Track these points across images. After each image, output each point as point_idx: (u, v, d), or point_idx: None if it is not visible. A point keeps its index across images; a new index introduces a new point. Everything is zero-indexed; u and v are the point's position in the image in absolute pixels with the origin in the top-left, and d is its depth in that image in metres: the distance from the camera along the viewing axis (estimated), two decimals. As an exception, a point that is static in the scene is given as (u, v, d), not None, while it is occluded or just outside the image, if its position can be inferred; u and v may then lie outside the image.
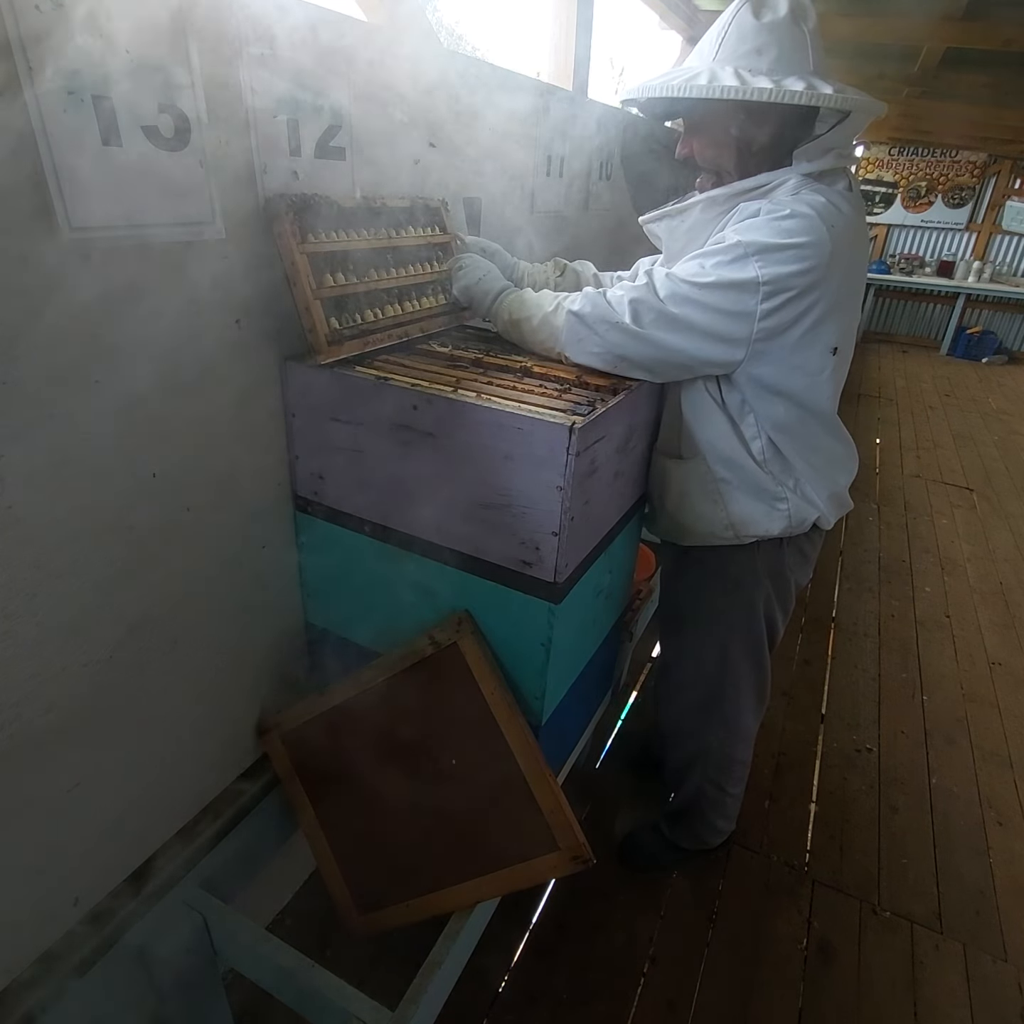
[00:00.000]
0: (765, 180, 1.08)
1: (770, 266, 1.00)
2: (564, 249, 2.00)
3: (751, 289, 1.01)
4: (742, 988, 1.48)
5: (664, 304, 1.04)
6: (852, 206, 1.08)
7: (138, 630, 0.97)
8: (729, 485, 1.22)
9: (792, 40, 1.02)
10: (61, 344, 0.77)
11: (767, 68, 1.02)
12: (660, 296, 1.05)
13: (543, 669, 1.09)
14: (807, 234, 1.01)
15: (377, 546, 1.15)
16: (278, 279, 1.02)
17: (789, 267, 1.01)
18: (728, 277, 1.02)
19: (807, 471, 1.22)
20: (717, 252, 1.04)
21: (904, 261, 7.43)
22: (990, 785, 2.02)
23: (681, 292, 1.04)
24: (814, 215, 1.02)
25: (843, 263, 1.05)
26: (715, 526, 1.25)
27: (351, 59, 1.05)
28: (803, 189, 1.06)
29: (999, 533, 3.55)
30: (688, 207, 1.16)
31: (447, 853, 1.13)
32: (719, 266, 1.02)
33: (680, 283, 1.04)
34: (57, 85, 0.68)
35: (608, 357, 1.09)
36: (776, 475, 1.20)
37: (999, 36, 2.57)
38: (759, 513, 1.22)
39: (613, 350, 1.08)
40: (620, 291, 1.08)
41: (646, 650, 2.47)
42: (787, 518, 1.22)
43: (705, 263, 1.04)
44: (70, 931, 0.98)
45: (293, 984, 1.02)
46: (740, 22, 1.04)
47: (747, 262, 1.01)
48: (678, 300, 1.04)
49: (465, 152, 1.44)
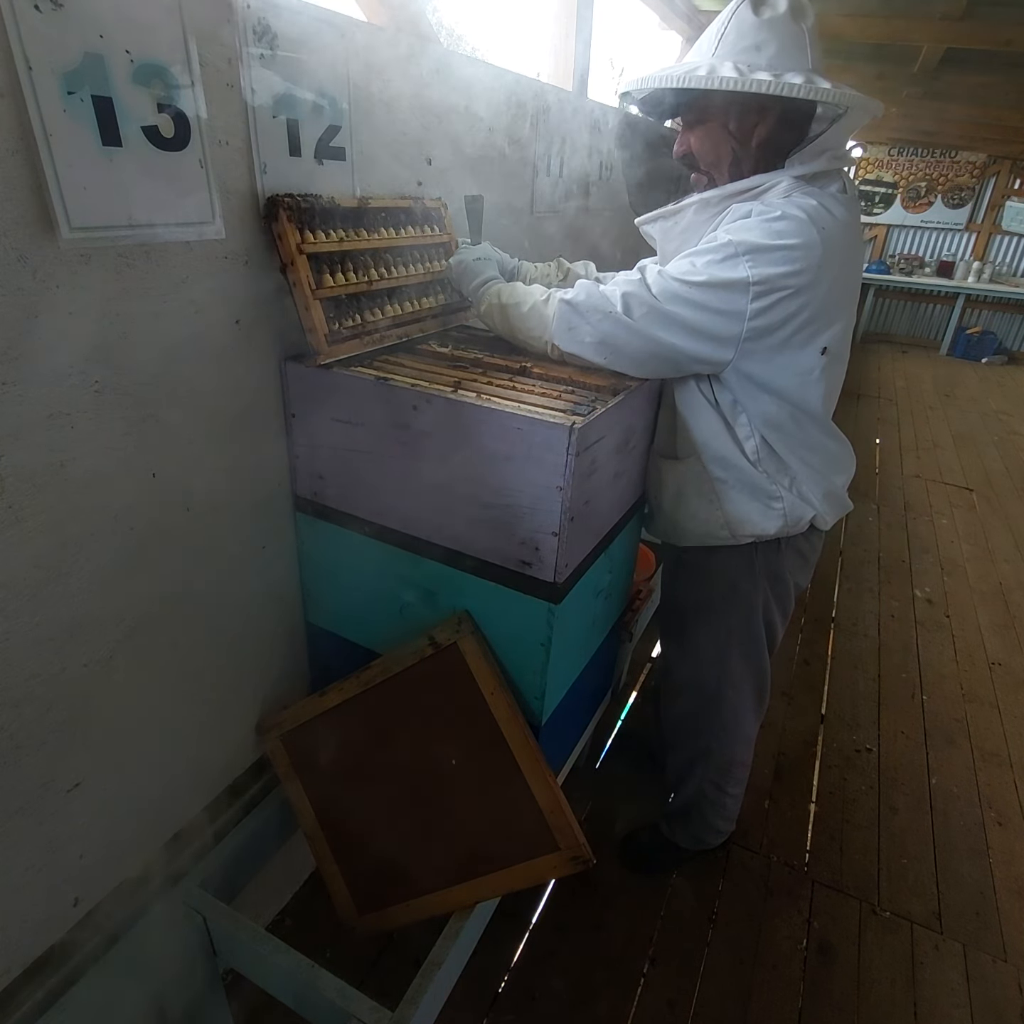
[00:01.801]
0: (758, 182, 1.08)
1: (760, 266, 1.01)
2: (563, 249, 2.00)
3: (741, 289, 1.02)
4: (742, 988, 1.48)
5: (656, 300, 1.05)
6: (846, 208, 1.08)
7: (138, 630, 0.97)
8: (724, 484, 1.22)
9: (791, 37, 1.03)
10: (61, 344, 0.77)
11: (766, 64, 1.02)
12: (652, 292, 1.05)
13: (543, 669, 1.09)
14: (797, 236, 1.01)
15: (377, 546, 1.15)
16: (278, 279, 1.02)
17: (779, 268, 1.01)
18: (719, 276, 1.02)
19: (802, 469, 1.22)
20: (708, 251, 1.04)
21: (904, 261, 7.43)
22: (990, 785, 2.02)
23: (672, 289, 1.04)
24: (804, 217, 1.02)
25: (835, 265, 1.05)
26: (711, 526, 1.25)
27: (351, 59, 1.05)
28: (794, 192, 1.06)
29: (999, 533, 3.55)
30: (682, 208, 1.16)
31: (447, 853, 1.13)
32: (710, 265, 1.03)
33: (671, 280, 1.05)
34: (57, 85, 0.68)
35: (598, 347, 1.09)
36: (771, 474, 1.20)
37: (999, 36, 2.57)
38: (755, 512, 1.22)
39: (605, 340, 1.08)
40: (613, 285, 1.08)
41: (646, 650, 2.47)
42: (783, 517, 1.22)
43: (696, 261, 1.04)
44: (70, 931, 0.98)
45: (293, 984, 1.02)
46: (740, 19, 1.04)
47: (737, 262, 1.01)
48: (668, 297, 1.04)
49: (465, 152, 1.44)
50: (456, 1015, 1.37)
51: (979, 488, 4.07)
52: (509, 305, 1.16)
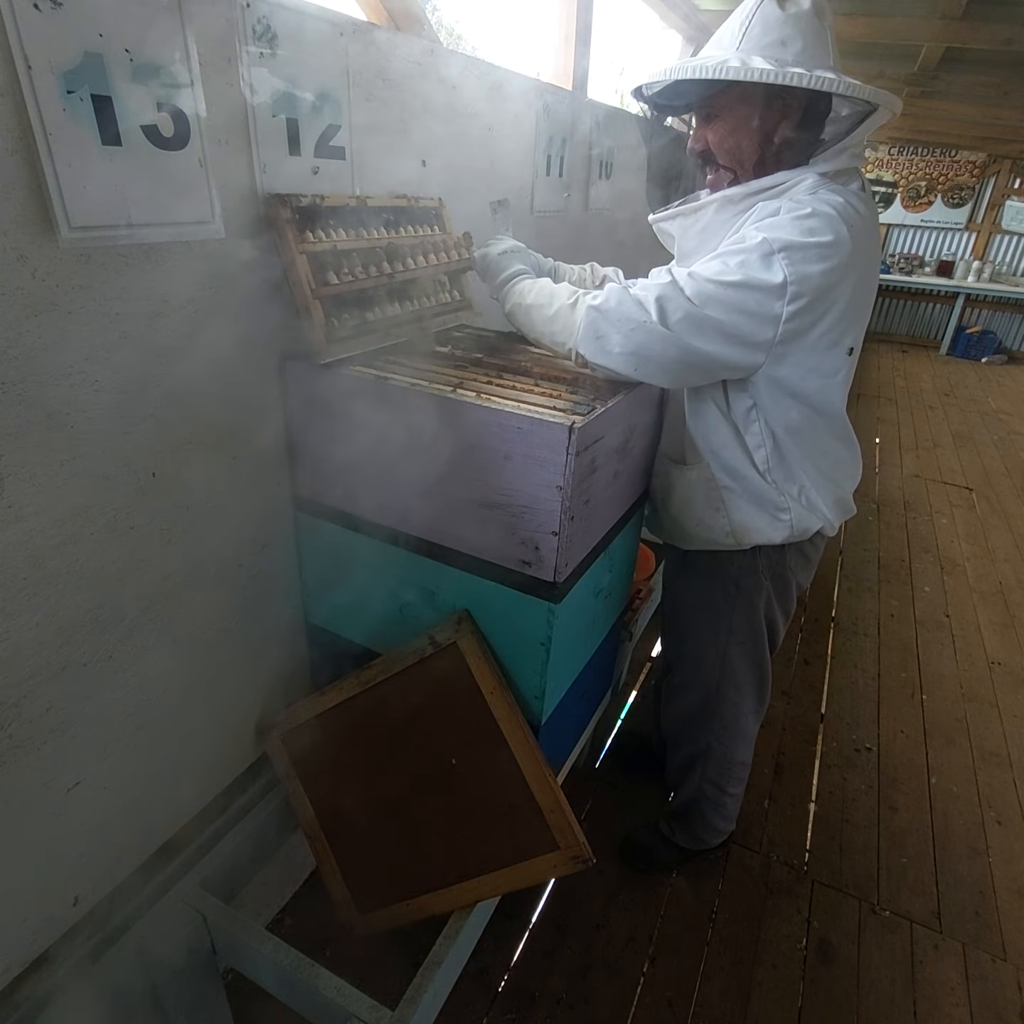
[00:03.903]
0: (783, 179, 1.06)
1: (796, 264, 0.98)
2: (563, 248, 2.00)
3: (778, 290, 0.99)
4: (742, 988, 1.48)
5: (691, 303, 1.00)
6: (867, 206, 1.07)
7: (138, 630, 0.97)
8: (732, 493, 1.22)
9: (815, 34, 1.01)
10: (60, 344, 0.77)
11: (792, 59, 1.00)
12: (686, 294, 1.00)
13: (543, 669, 1.09)
14: (830, 233, 0.99)
15: (377, 546, 1.15)
16: (278, 279, 1.02)
17: (814, 266, 0.99)
18: (755, 276, 0.98)
19: (814, 476, 1.21)
20: (741, 251, 1.00)
21: (904, 261, 7.43)
22: (989, 785, 2.02)
23: (706, 291, 1.00)
24: (835, 214, 1.00)
25: (861, 264, 1.04)
26: (716, 533, 1.25)
27: (351, 58, 1.05)
28: (820, 189, 1.04)
29: (998, 533, 3.55)
30: (703, 206, 1.14)
31: (447, 852, 1.13)
32: (745, 265, 0.99)
33: (705, 282, 1.00)
34: (56, 84, 0.68)
35: (628, 359, 1.03)
36: (779, 484, 1.20)
37: (999, 36, 2.57)
38: (761, 522, 1.22)
39: (636, 351, 1.02)
40: (643, 290, 1.03)
41: (646, 650, 2.47)
42: (789, 527, 1.22)
43: (729, 261, 1.00)
44: (70, 931, 0.98)
45: (293, 984, 1.02)
46: (765, 13, 1.02)
47: (773, 260, 0.98)
48: (704, 299, 0.99)
49: (465, 151, 1.44)
50: (456, 1014, 1.37)
51: (979, 488, 4.07)
52: (534, 306, 1.10)
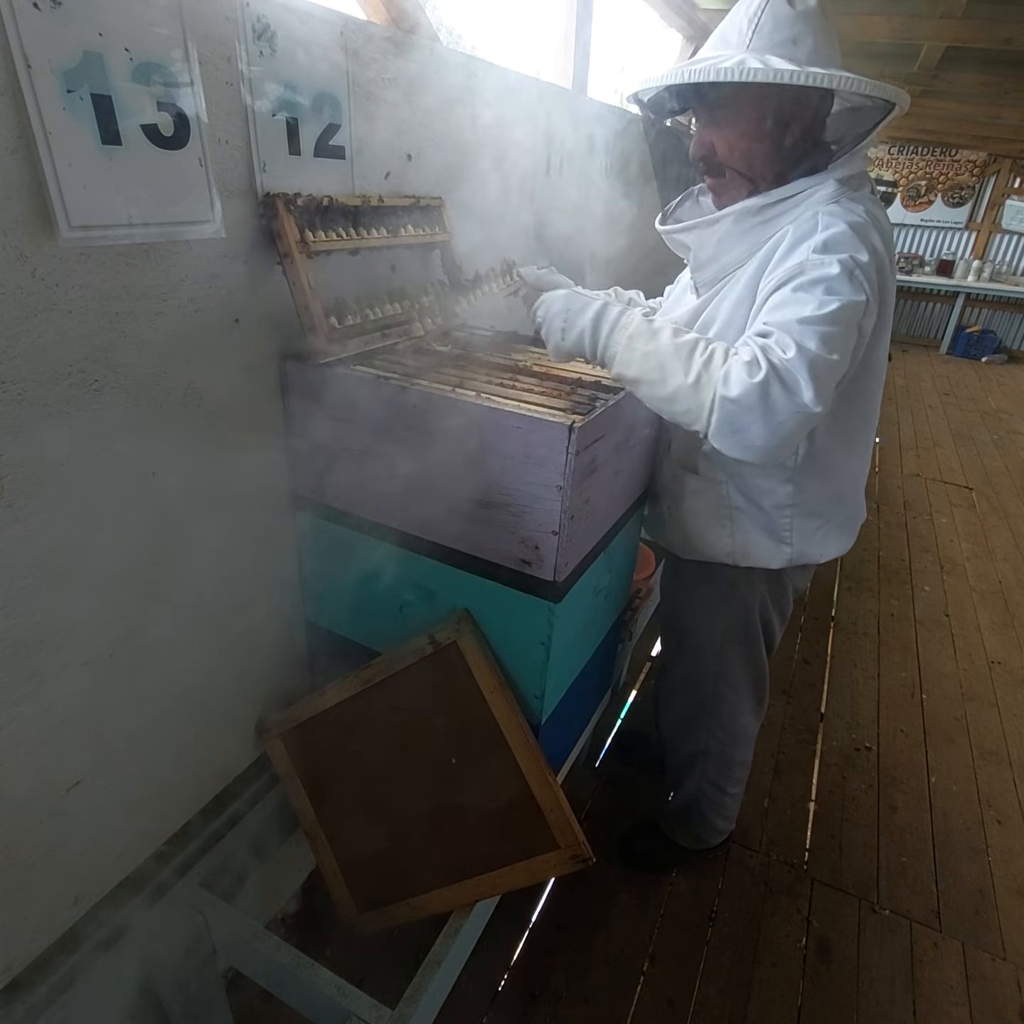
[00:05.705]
0: (803, 186, 1.03)
1: (870, 279, 0.94)
2: (563, 249, 2.00)
3: (864, 310, 0.94)
4: (741, 987, 1.48)
5: (826, 354, 0.88)
6: (881, 211, 1.06)
7: (138, 630, 0.96)
8: (742, 514, 1.22)
9: (823, 32, 1.00)
10: (60, 343, 0.77)
11: (804, 58, 0.97)
12: (813, 348, 0.87)
13: (543, 668, 1.09)
14: (872, 242, 0.97)
15: (377, 545, 1.14)
16: (278, 278, 1.02)
17: (875, 278, 0.96)
18: (848, 298, 0.91)
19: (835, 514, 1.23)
20: (821, 279, 0.92)
21: (904, 260, 7.42)
22: (989, 784, 2.02)
23: (820, 333, 0.88)
24: (868, 222, 0.98)
25: (889, 270, 1.02)
26: (716, 550, 1.26)
27: (351, 57, 1.05)
28: (842, 197, 1.01)
29: (998, 532, 3.55)
30: (720, 217, 1.10)
31: (447, 852, 1.13)
32: (830, 292, 0.91)
33: (810, 327, 0.89)
34: (56, 83, 0.68)
35: (773, 451, 0.89)
36: (791, 519, 1.21)
37: (999, 34, 2.57)
38: (764, 548, 1.23)
39: (785, 440, 0.88)
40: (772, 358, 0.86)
41: (646, 649, 2.47)
42: (788, 559, 1.24)
43: (814, 290, 0.92)
44: (70, 930, 0.98)
45: (293, 983, 1.02)
46: (775, 10, 0.99)
47: (855, 278, 0.93)
48: (827, 342, 0.89)
49: (465, 151, 1.44)
50: (456, 1013, 1.37)
51: (979, 487, 4.07)
52: (642, 382, 0.95)
